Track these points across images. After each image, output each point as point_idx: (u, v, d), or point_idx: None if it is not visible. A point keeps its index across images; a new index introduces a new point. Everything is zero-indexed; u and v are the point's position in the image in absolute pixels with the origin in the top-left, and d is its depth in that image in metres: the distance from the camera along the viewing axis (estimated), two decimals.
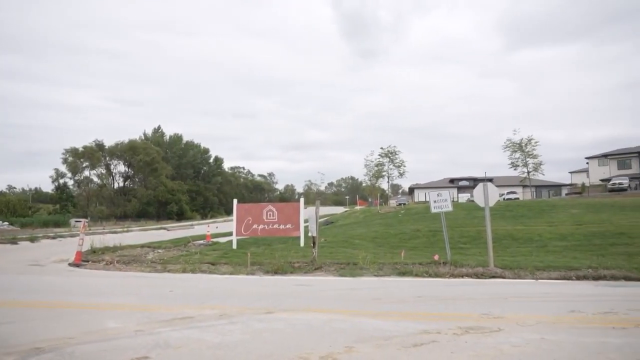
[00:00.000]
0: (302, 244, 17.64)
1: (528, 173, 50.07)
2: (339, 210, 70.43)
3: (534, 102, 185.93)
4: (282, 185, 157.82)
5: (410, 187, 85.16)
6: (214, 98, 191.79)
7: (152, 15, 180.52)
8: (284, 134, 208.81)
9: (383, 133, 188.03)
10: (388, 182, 55.23)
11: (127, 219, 70.98)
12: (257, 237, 19.88)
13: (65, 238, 28.07)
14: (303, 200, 19.84)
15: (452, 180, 79.95)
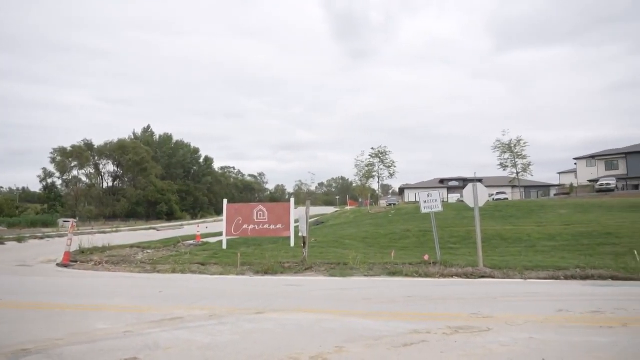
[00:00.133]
0: (292, 244, 17.62)
1: (517, 173, 50.46)
2: (330, 211, 70.46)
3: (523, 103, 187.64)
4: (272, 186, 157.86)
5: (401, 187, 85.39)
6: (204, 98, 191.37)
7: (141, 14, 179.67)
8: (275, 134, 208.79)
9: (373, 133, 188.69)
10: (378, 182, 55.39)
11: (116, 219, 70.51)
12: (247, 237, 19.83)
13: (54, 238, 27.83)
14: (293, 201, 19.84)
15: (442, 181, 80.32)
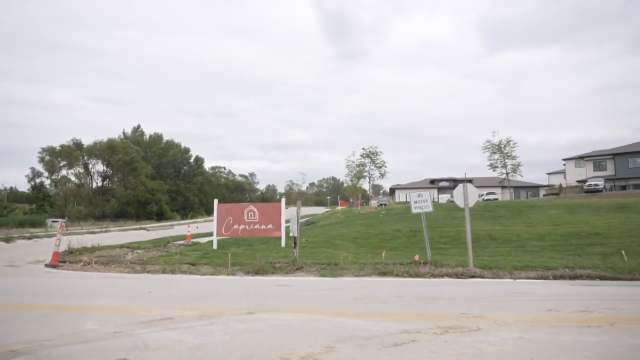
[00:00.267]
0: (283, 244, 17.60)
1: (507, 174, 50.68)
2: (320, 211, 70.43)
3: (513, 103, 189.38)
4: (263, 186, 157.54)
5: (391, 187, 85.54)
6: (195, 97, 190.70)
7: (131, 13, 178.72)
8: (266, 134, 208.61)
9: (364, 134, 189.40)
10: (369, 182, 55.30)
11: (105, 219, 69.94)
12: (238, 237, 19.77)
13: (42, 238, 27.53)
14: (284, 201, 19.82)
15: (432, 181, 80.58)
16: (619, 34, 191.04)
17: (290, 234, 14.16)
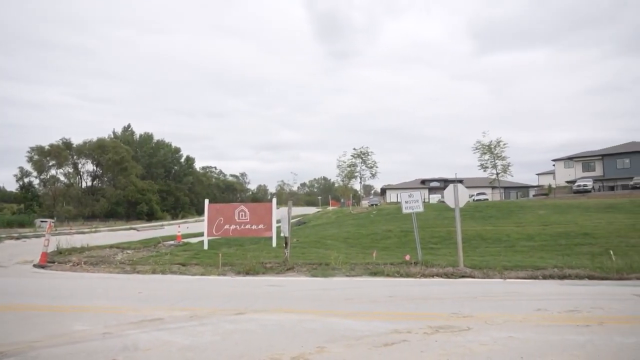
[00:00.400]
0: (274, 245, 17.58)
1: (497, 174, 51.06)
2: (312, 211, 70.43)
3: (504, 104, 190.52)
4: (254, 186, 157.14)
5: (383, 187, 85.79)
6: (186, 97, 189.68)
7: (121, 11, 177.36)
8: (257, 134, 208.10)
9: (356, 134, 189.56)
10: (360, 182, 55.64)
11: (95, 219, 69.48)
12: (228, 237, 19.72)
13: (30, 239, 27.31)
14: (275, 201, 19.78)
15: (423, 182, 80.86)
16: (608, 36, 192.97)
17: (282, 234, 14.14)
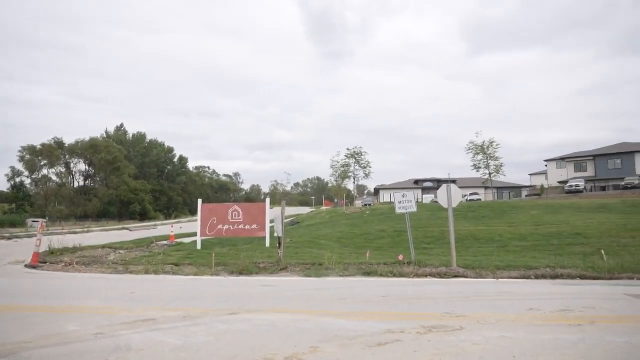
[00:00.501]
0: (267, 245, 17.56)
1: (490, 175, 51.18)
2: (305, 211, 70.45)
3: (497, 105, 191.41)
4: (248, 186, 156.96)
5: (376, 188, 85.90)
6: (179, 96, 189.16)
7: (115, 11, 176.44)
8: (250, 134, 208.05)
9: (349, 134, 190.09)
10: (354, 182, 55.53)
11: (87, 219, 69.08)
12: (222, 237, 19.68)
13: (22, 239, 27.15)
14: (269, 201, 19.77)
15: (416, 182, 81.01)
16: (600, 38, 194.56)
17: (275, 234, 14.13)
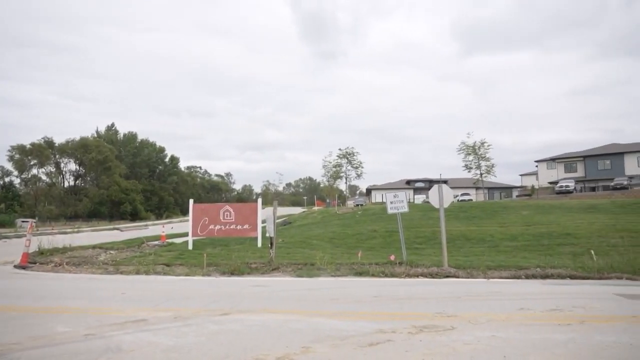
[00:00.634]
0: (259, 245, 17.53)
1: (481, 175, 51.45)
2: (297, 211, 70.36)
3: (488, 106, 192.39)
4: (239, 186, 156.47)
5: (368, 188, 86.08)
6: (171, 96, 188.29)
7: (106, 10, 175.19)
8: (242, 134, 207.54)
9: (341, 134, 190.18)
10: (346, 183, 55.63)
11: (77, 219, 68.50)
12: (213, 237, 19.62)
13: (11, 239, 26.91)
14: (261, 201, 19.73)
15: (408, 182, 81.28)
16: (590, 39, 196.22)
17: (267, 234, 14.11)
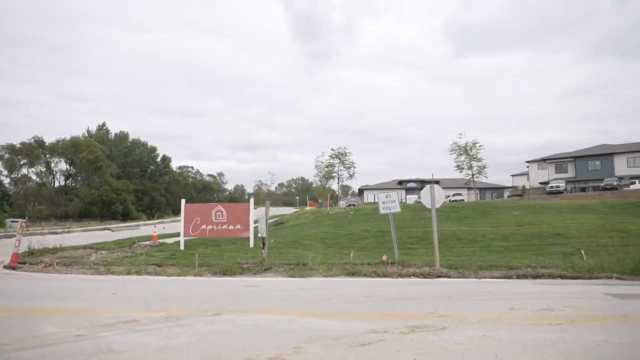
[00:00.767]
0: (251, 245, 17.51)
1: (472, 175, 51.70)
2: (289, 211, 70.40)
3: (480, 106, 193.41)
4: (231, 186, 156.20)
5: (360, 188, 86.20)
6: (162, 96, 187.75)
7: (97, 8, 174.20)
8: (234, 134, 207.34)
9: (334, 134, 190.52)
10: (338, 183, 55.85)
11: (68, 219, 68.04)
12: (205, 237, 19.57)
13: (1, 239, 26.62)
14: (253, 201, 19.70)
15: (400, 182, 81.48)
16: (580, 41, 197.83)
17: (259, 235, 14.08)
